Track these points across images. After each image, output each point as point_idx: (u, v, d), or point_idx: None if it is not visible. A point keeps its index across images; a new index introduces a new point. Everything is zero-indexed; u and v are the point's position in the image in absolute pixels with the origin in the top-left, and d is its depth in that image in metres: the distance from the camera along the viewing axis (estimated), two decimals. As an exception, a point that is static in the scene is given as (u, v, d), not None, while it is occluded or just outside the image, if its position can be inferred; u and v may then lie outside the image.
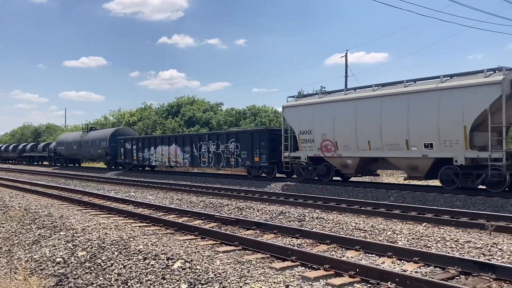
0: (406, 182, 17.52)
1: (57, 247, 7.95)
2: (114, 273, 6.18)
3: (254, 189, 17.60)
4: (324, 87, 45.91)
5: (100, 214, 11.51)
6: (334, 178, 18.34)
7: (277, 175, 21.29)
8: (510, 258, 6.46)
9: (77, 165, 43.23)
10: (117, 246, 7.10)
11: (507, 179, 12.88)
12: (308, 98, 19.37)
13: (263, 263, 6.31)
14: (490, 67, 13.40)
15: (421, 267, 6.13)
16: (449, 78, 14.41)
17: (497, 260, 6.41)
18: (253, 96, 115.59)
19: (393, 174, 22.46)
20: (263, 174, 21.59)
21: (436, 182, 15.45)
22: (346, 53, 39.78)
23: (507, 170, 12.76)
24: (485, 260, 6.29)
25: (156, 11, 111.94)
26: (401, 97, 15.08)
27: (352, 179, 19.33)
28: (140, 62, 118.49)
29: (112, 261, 6.57)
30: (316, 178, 18.49)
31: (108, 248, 7.12)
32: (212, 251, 7.00)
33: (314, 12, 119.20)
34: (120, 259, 6.56)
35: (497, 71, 13.29)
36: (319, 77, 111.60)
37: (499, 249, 6.92)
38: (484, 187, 13.52)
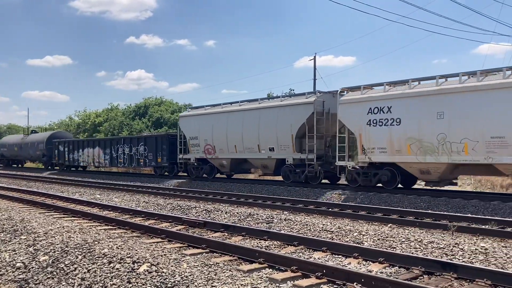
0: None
1: (17, 251, 7.69)
2: (78, 277, 6.02)
3: (150, 185, 21.34)
4: (293, 90, 46.27)
5: (63, 217, 11.22)
6: (217, 176, 22.65)
7: (181, 173, 24.41)
8: (471, 258, 6.65)
9: (20, 165, 46.45)
10: (81, 250, 6.93)
11: (319, 174, 17.52)
12: (197, 110, 23.51)
13: (231, 266, 6.28)
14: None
15: (386, 268, 6.23)
16: (288, 97, 19.62)
17: (459, 259, 6.59)
18: (223, 97, 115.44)
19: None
20: (166, 173, 25.24)
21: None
22: (315, 56, 40.22)
23: (318, 167, 17.41)
24: (447, 260, 6.46)
25: (124, 10, 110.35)
26: (255, 111, 19.62)
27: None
28: (107, 62, 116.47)
29: (75, 265, 6.40)
30: (204, 175, 22.57)
31: (72, 252, 6.94)
32: (179, 254, 6.92)
33: (283, 15, 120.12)
34: (84, 263, 6.40)
35: (313, 94, 18.02)
36: (288, 79, 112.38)
37: (460, 249, 7.11)
38: (327, 181, 18.77)
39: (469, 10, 54.12)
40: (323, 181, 18.13)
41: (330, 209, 12.10)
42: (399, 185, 15.39)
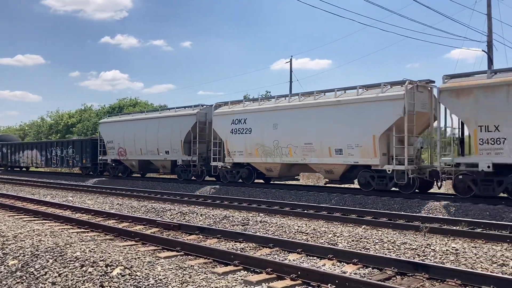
0: (345, 186, 18.10)
1: (-15, 255, 7.47)
2: (48, 282, 5.89)
3: (73, 182, 24.20)
4: (270, 92, 46.50)
5: (34, 220, 10.96)
6: (134, 175, 26.44)
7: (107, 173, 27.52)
8: (442, 258, 6.79)
9: None
10: (52, 254, 6.77)
11: (202, 173, 20.90)
12: (113, 117, 27.53)
13: (206, 268, 6.25)
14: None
15: (360, 269, 6.30)
16: (182, 108, 22.52)
17: (430, 260, 6.72)
18: (199, 99, 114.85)
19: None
20: (90, 172, 28.58)
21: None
22: (291, 59, 40.56)
23: (201, 167, 20.83)
24: (419, 260, 6.57)
25: (99, 10, 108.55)
26: (155, 120, 23.06)
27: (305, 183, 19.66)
28: (81, 61, 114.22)
29: (46, 269, 6.25)
30: (120, 174, 26.09)
31: (42, 255, 6.78)
32: (153, 257, 6.84)
33: (260, 17, 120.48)
34: (55, 267, 6.26)
35: (198, 107, 21.23)
36: (265, 81, 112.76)
37: (432, 249, 7.25)
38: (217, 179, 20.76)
39: (441, 15, 55.38)
40: (210, 178, 21.64)
41: (305, 211, 12.18)
42: (261, 180, 19.75)
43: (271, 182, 19.62)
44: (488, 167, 12.18)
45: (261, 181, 19.91)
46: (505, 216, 11.04)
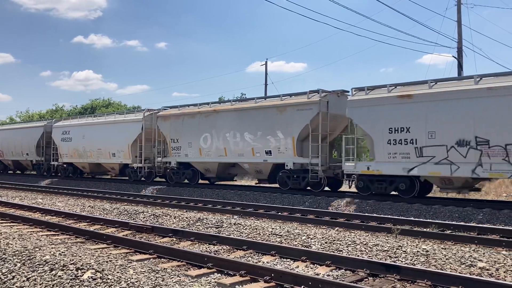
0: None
1: (-51, 259, 7.22)
2: (16, 286, 5.73)
3: (42, 184, 24.69)
4: (245, 94, 46.55)
5: (1, 222, 10.66)
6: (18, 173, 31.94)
7: None
8: (413, 260, 6.91)
9: None
10: (20, 257, 6.60)
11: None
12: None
13: (179, 271, 6.19)
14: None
15: (333, 270, 6.36)
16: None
17: (402, 261, 6.83)
18: (173, 100, 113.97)
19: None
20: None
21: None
22: (266, 62, 40.68)
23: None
24: (391, 262, 6.67)
25: (72, 9, 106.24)
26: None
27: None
28: (52, 61, 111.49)
29: (13, 274, 6.08)
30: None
31: (10, 259, 6.59)
32: (125, 260, 6.74)
33: (235, 20, 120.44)
34: (23, 271, 6.10)
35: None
36: (240, 83, 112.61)
37: (403, 251, 7.37)
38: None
39: (413, 21, 56.54)
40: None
41: (279, 213, 12.22)
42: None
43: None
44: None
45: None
46: (473, 218, 11.32)
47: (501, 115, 11.81)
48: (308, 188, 16.19)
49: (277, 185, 17.26)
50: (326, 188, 16.58)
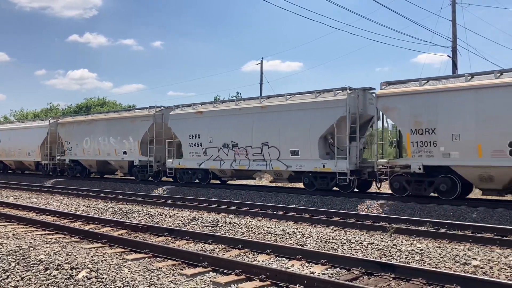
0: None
1: None
2: (10, 286, 5.71)
3: (38, 184, 23.99)
4: (240, 93, 46.57)
5: (-4, 222, 10.61)
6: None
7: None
8: (408, 258, 6.93)
9: None
10: (14, 257, 6.57)
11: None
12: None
13: (174, 270, 6.19)
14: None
15: (328, 269, 6.37)
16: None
17: (396, 260, 6.85)
18: (169, 99, 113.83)
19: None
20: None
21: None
22: (261, 61, 40.66)
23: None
24: (386, 260, 6.69)
25: (68, 7, 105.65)
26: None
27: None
28: (47, 60, 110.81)
29: (8, 273, 6.06)
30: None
31: (4, 259, 6.56)
32: (120, 259, 6.73)
33: (230, 18, 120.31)
34: (18, 271, 6.07)
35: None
36: (236, 82, 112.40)
37: (398, 250, 7.40)
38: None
39: (408, 20, 56.68)
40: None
41: (274, 212, 12.23)
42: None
43: None
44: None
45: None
46: (468, 217, 11.38)
47: (243, 126, 17.41)
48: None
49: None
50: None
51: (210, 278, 5.88)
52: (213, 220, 10.62)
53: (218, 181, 20.63)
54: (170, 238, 8.70)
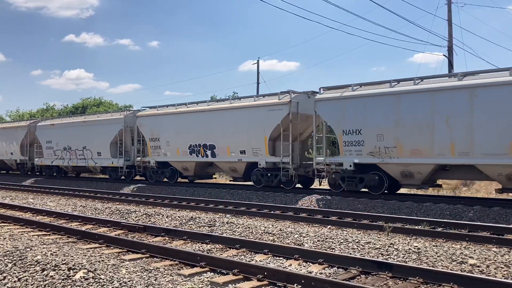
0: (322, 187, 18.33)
1: None
2: (7, 287, 5.69)
3: (36, 184, 24.51)
4: (237, 93, 46.56)
5: (-8, 223, 10.58)
6: None
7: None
8: (405, 257, 6.95)
9: None
10: (11, 258, 6.56)
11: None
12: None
13: (171, 270, 6.19)
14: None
15: (326, 268, 6.38)
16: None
17: (394, 259, 6.86)
18: (165, 99, 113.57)
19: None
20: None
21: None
22: (258, 61, 40.72)
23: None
24: (383, 259, 6.71)
25: (64, 7, 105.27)
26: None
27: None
28: (43, 60, 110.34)
29: (4, 274, 6.04)
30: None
31: (1, 259, 6.55)
32: (117, 259, 6.73)
33: (227, 18, 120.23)
34: (15, 271, 6.06)
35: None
36: (233, 82, 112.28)
37: (395, 249, 7.41)
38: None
39: (404, 20, 56.80)
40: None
41: (272, 212, 12.23)
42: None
43: None
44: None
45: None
46: (464, 216, 11.42)
47: (73, 135, 24.78)
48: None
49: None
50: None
51: (207, 278, 5.87)
52: (211, 220, 10.62)
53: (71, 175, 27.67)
54: (167, 238, 8.69)
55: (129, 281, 5.38)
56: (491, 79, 12.13)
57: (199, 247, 7.90)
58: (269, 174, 17.11)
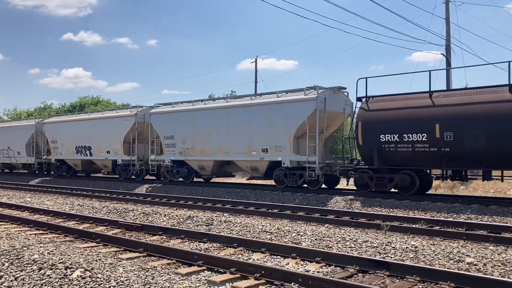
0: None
1: None
2: (4, 286, 5.68)
3: (32, 183, 24.27)
4: (235, 92, 46.53)
5: (-11, 222, 10.55)
6: None
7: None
8: (402, 256, 6.96)
9: None
10: (7, 257, 6.54)
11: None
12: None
13: (169, 269, 6.18)
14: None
15: (323, 267, 6.38)
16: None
17: (391, 257, 6.87)
18: (164, 97, 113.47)
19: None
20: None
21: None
22: (256, 59, 40.62)
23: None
24: (380, 258, 6.71)
25: (62, 6, 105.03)
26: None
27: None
28: (41, 58, 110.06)
29: (1, 273, 6.02)
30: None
31: (-2, 259, 6.53)
32: (115, 258, 6.71)
33: (225, 17, 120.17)
34: (11, 271, 6.04)
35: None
36: (231, 81, 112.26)
37: (392, 247, 7.42)
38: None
39: (402, 19, 56.89)
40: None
41: (269, 210, 12.23)
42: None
43: None
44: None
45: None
46: (461, 214, 11.43)
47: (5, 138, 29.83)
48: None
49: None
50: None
51: (205, 277, 5.87)
52: (208, 218, 10.61)
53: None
54: (165, 237, 8.68)
55: (126, 280, 5.38)
56: (241, 101, 18.00)
57: (196, 246, 7.90)
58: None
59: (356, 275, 6.00)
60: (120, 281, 5.34)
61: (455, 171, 13.48)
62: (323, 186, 16.24)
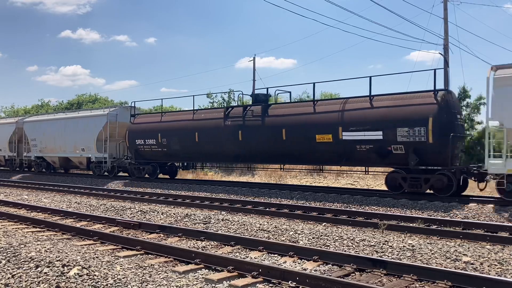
0: (308, 183, 18.29)
1: None
2: (1, 283, 5.67)
3: (28, 181, 24.25)
4: (233, 90, 46.36)
5: (-14, 219, 10.53)
6: None
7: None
8: (399, 255, 6.97)
9: None
10: (5, 254, 6.53)
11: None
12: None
13: (166, 267, 6.18)
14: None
15: (320, 265, 6.39)
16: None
17: (388, 256, 6.89)
18: (162, 95, 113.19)
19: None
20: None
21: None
22: (254, 58, 40.60)
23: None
24: (377, 257, 6.72)
25: (60, 3, 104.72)
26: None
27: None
28: (39, 56, 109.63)
29: (-2, 271, 6.02)
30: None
31: (-5, 256, 6.52)
32: (112, 256, 6.71)
33: (223, 15, 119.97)
34: (8, 268, 6.03)
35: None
36: (229, 79, 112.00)
37: (389, 246, 7.43)
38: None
39: (400, 18, 56.93)
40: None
41: (267, 209, 12.24)
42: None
43: None
44: None
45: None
46: (459, 213, 11.46)
47: None
48: None
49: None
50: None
51: (202, 275, 5.87)
52: (206, 217, 10.61)
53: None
54: (162, 235, 8.68)
55: (123, 277, 5.37)
56: (71, 115, 26.21)
57: (194, 244, 7.90)
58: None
59: (353, 274, 6.01)
60: (118, 278, 5.33)
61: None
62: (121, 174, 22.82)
